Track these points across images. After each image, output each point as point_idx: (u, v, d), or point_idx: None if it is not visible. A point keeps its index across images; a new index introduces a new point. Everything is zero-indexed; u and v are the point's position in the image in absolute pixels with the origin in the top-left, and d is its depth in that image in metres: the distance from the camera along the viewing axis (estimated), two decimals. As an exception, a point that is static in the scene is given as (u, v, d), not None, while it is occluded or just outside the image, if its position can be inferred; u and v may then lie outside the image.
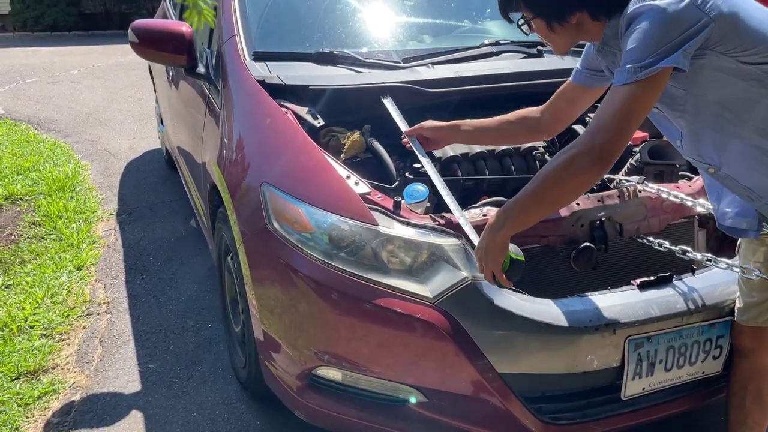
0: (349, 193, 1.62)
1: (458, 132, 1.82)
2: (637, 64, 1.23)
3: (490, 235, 1.40)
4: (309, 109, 1.93)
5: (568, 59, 2.24)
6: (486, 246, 1.41)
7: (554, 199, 1.36)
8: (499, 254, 1.40)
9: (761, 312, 1.55)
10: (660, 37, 1.22)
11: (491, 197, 1.85)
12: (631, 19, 1.28)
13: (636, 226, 1.75)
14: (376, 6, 2.49)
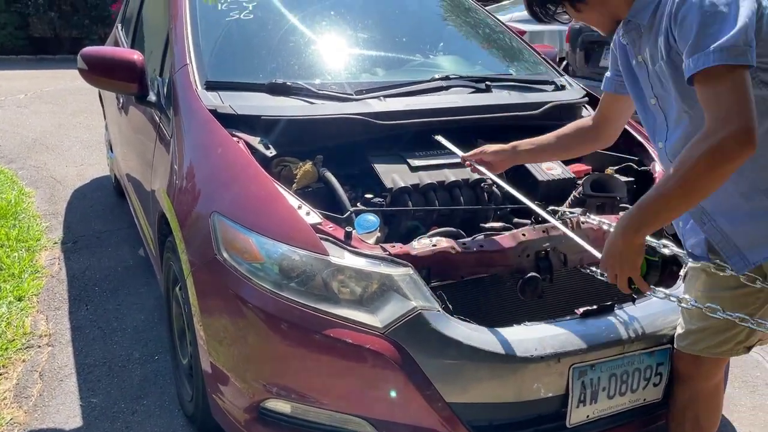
0: (300, 223, 1.62)
1: (518, 153, 1.86)
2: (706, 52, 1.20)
3: (625, 239, 1.32)
4: (261, 139, 1.94)
5: (515, 95, 2.33)
6: (621, 251, 1.33)
7: (704, 188, 1.25)
8: (637, 258, 1.33)
9: (699, 339, 1.58)
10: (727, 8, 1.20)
11: (441, 227, 1.89)
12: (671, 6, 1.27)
13: (580, 257, 1.80)
14: (329, 38, 2.53)
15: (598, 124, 1.79)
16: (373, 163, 1.97)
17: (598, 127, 1.79)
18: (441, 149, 2.08)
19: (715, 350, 1.57)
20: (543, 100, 2.32)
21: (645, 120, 1.56)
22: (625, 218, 1.34)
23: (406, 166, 1.99)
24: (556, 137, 1.84)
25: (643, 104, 1.54)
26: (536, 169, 2.09)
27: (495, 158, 1.86)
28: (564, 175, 2.09)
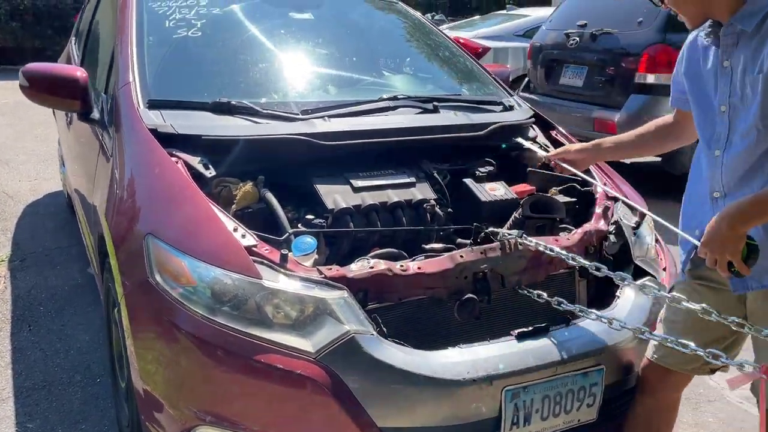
0: (235, 245, 1.61)
1: (601, 151, 2.00)
2: None
3: (732, 228, 1.39)
4: (201, 159, 1.92)
5: (462, 115, 2.35)
6: (727, 238, 1.40)
7: None
8: (740, 243, 1.40)
9: (671, 353, 1.65)
10: None
11: (382, 248, 1.89)
12: None
13: (517, 278, 1.82)
14: (279, 57, 2.52)
15: (678, 123, 1.82)
16: (315, 183, 1.97)
17: (679, 126, 1.82)
18: (385, 170, 2.09)
19: (684, 366, 1.66)
20: (489, 121, 2.34)
21: (702, 125, 1.60)
22: (734, 208, 1.41)
23: (349, 187, 1.99)
24: (636, 135, 1.91)
25: (707, 109, 1.58)
26: (479, 190, 2.11)
27: (578, 156, 2.00)
28: (507, 196, 2.11)
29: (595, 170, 2.31)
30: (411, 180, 2.07)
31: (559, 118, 5.47)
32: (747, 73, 1.46)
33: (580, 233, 1.95)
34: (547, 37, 5.76)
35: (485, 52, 7.84)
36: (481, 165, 2.26)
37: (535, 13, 8.41)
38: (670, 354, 1.66)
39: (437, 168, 2.19)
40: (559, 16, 5.81)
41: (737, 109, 1.49)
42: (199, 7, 2.60)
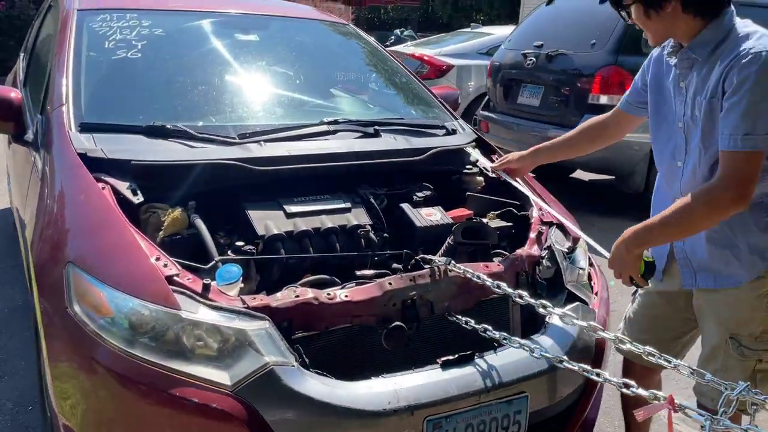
0: (154, 275, 1.58)
1: (538, 156, 2.19)
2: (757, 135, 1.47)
3: (625, 250, 1.65)
4: (130, 184, 1.89)
5: (401, 140, 2.36)
6: (624, 258, 1.66)
7: (697, 229, 1.63)
8: (635, 263, 1.66)
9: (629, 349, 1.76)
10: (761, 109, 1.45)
11: (315, 275, 1.88)
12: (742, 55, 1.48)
13: (447, 304, 1.82)
14: (220, 80, 2.50)
15: (609, 126, 2.04)
16: (247, 209, 1.95)
17: (609, 128, 2.05)
18: (321, 195, 2.09)
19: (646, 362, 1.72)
20: (429, 145, 2.36)
21: (660, 135, 1.79)
22: (630, 233, 1.65)
23: (282, 213, 1.98)
24: (568, 138, 2.12)
25: (666, 122, 1.75)
26: (415, 215, 2.11)
27: (518, 164, 2.19)
28: (442, 221, 2.12)
29: (529, 192, 2.34)
30: (346, 205, 2.07)
31: (517, 136, 5.56)
32: (696, 96, 1.61)
33: (512, 259, 1.97)
34: (505, 57, 5.84)
35: (449, 69, 7.93)
36: (419, 189, 2.27)
37: (499, 32, 8.52)
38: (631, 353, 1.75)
39: (374, 193, 2.19)
40: (517, 37, 5.91)
41: (690, 127, 1.67)
42: (142, 27, 2.57)
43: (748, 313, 1.68)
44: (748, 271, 1.65)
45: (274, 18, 2.99)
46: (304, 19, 3.13)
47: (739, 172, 1.51)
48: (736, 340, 1.69)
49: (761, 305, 1.67)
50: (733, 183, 1.52)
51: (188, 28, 2.71)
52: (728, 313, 1.70)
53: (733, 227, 1.65)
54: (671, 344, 1.93)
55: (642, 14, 1.61)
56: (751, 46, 1.48)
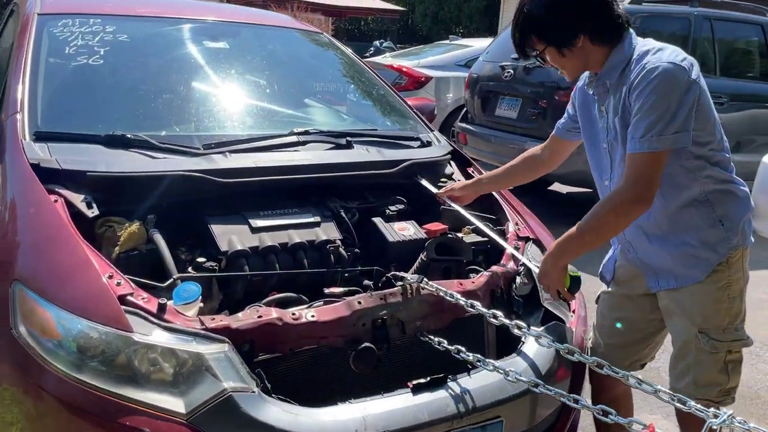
0: (106, 294, 1.48)
1: (480, 185, 2.22)
2: (654, 136, 1.57)
3: (552, 264, 1.72)
4: (85, 197, 1.79)
5: (374, 151, 2.29)
6: (549, 272, 1.73)
7: (610, 233, 1.76)
8: (561, 276, 1.73)
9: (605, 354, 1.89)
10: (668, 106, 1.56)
11: (281, 293, 1.79)
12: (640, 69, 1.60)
13: (419, 324, 1.74)
14: (185, 88, 2.41)
15: (546, 155, 2.13)
16: (209, 223, 1.86)
17: (546, 157, 2.13)
18: (289, 208, 2.00)
19: (618, 364, 1.78)
20: (402, 157, 2.28)
21: (592, 158, 1.91)
22: (553, 246, 1.74)
23: (247, 227, 1.89)
24: (507, 168, 2.19)
25: (595, 146, 1.87)
26: (387, 230, 2.04)
27: (462, 192, 2.19)
28: (416, 236, 2.04)
29: (506, 206, 2.28)
30: (315, 219, 1.99)
31: (495, 148, 5.53)
32: (613, 115, 1.74)
33: (486, 275, 1.90)
34: (483, 69, 5.82)
35: (427, 81, 7.91)
36: (392, 203, 2.20)
37: (477, 44, 8.54)
38: (603, 355, 1.85)
39: (345, 206, 2.11)
40: (495, 49, 5.89)
41: (613, 146, 1.79)
42: (105, 33, 2.47)
43: (713, 306, 1.75)
44: (704, 266, 1.73)
45: (246, 25, 2.91)
46: (276, 27, 3.05)
47: (639, 173, 1.61)
48: (705, 333, 1.75)
49: (723, 297, 1.75)
50: (633, 185, 1.62)
51: (155, 34, 2.61)
52: (694, 308, 1.77)
53: (683, 226, 1.74)
54: (640, 345, 2.00)
55: (556, 55, 1.72)
56: (647, 61, 1.62)
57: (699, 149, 1.68)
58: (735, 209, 1.75)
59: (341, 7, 18.46)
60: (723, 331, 1.76)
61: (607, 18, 1.68)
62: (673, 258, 1.76)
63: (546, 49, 1.71)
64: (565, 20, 1.67)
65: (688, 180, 1.71)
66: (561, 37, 1.68)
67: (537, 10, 1.69)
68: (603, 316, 2.05)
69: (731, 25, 5.50)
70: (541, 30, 1.70)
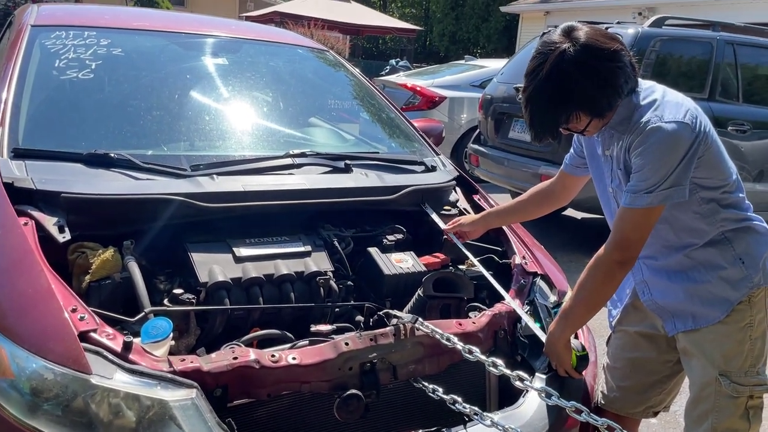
0: (66, 330, 1.35)
1: (490, 220, 2.10)
2: (646, 192, 1.53)
3: (553, 340, 1.65)
4: (58, 220, 1.67)
5: (374, 176, 2.15)
6: (553, 350, 1.66)
7: (601, 301, 1.67)
8: (565, 353, 1.65)
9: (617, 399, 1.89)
10: (665, 167, 1.52)
11: (264, 329, 1.66)
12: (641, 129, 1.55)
13: (412, 369, 1.59)
14: (177, 105, 2.29)
15: (556, 190, 2.05)
16: (190, 251, 1.73)
17: (557, 192, 2.05)
18: (278, 236, 1.87)
19: (631, 410, 1.87)
20: (403, 183, 2.14)
21: (601, 196, 1.86)
22: (553, 324, 1.68)
23: (231, 256, 1.75)
24: (518, 202, 2.09)
25: (603, 185, 1.82)
26: (384, 262, 1.90)
27: (470, 228, 2.06)
28: (414, 269, 1.90)
29: (513, 238, 2.13)
30: (306, 249, 1.85)
31: (507, 172, 5.38)
32: (618, 164, 1.69)
33: (489, 315, 1.75)
34: (497, 90, 5.69)
35: (441, 100, 7.81)
36: (390, 232, 2.05)
37: (493, 65, 8.43)
38: (615, 400, 1.87)
39: (339, 235, 1.98)
40: (509, 70, 5.77)
41: (617, 192, 1.72)
42: (99, 47, 2.38)
43: (735, 347, 1.67)
44: (724, 304, 1.66)
45: (247, 41, 2.80)
46: (280, 44, 2.94)
47: (624, 232, 1.58)
48: (726, 376, 1.67)
49: (745, 338, 1.67)
50: (616, 246, 1.59)
51: (150, 48, 2.51)
52: (715, 350, 1.69)
53: (703, 264, 1.67)
54: (655, 390, 1.90)
55: (597, 122, 1.63)
56: (647, 118, 1.56)
57: (710, 193, 1.64)
58: (755, 246, 1.69)
59: (358, 26, 18.45)
60: (745, 374, 1.67)
61: (634, 74, 1.61)
62: (692, 296, 1.69)
63: (591, 122, 1.62)
64: (614, 88, 1.58)
65: (704, 224, 1.65)
66: (608, 106, 1.60)
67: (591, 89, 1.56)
68: (615, 357, 1.94)
69: (755, 50, 5.32)
70: (591, 104, 1.58)
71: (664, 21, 5.11)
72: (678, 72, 5.05)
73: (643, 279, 1.79)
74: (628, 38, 4.73)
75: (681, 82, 4.90)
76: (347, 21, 17.52)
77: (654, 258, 1.75)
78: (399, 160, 2.36)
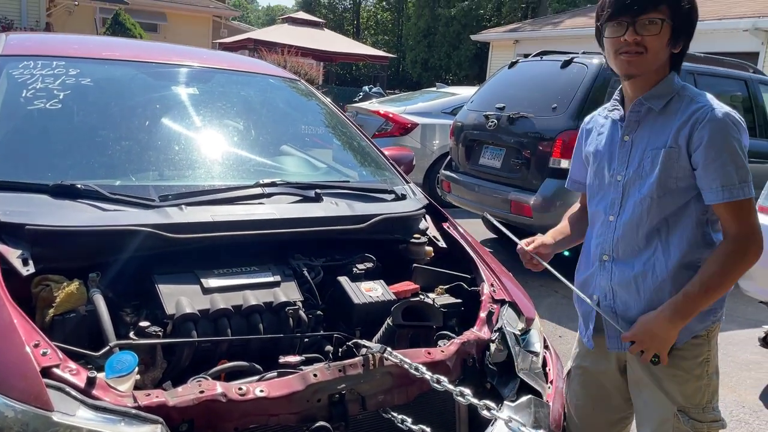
0: (28, 366, 1.32)
1: (558, 243, 1.95)
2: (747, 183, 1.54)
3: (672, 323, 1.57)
4: (22, 252, 1.65)
5: (344, 205, 2.16)
6: (661, 333, 1.58)
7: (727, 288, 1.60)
8: (670, 341, 1.59)
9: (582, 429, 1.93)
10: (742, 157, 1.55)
11: (232, 361, 1.64)
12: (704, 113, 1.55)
13: (381, 399, 1.59)
14: (146, 135, 2.29)
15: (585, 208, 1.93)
16: (157, 283, 1.72)
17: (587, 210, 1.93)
18: (247, 266, 1.87)
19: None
20: (373, 212, 2.16)
21: (596, 190, 1.79)
22: (672, 305, 1.59)
23: (199, 287, 1.74)
24: (570, 224, 2.00)
25: (602, 177, 1.75)
26: (353, 291, 1.90)
27: (545, 251, 1.92)
28: (384, 297, 1.91)
29: (482, 266, 2.15)
30: (275, 279, 1.85)
31: (478, 197, 5.44)
32: (648, 147, 1.64)
33: (457, 344, 1.76)
34: (468, 117, 5.79)
35: (413, 127, 7.91)
36: (360, 261, 2.06)
37: (463, 92, 8.59)
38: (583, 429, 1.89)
39: (309, 264, 1.98)
40: (480, 98, 5.87)
41: (632, 180, 1.67)
42: (68, 76, 2.37)
43: (694, 382, 1.66)
44: (683, 332, 1.63)
45: (219, 71, 2.82)
46: (251, 74, 2.96)
47: (753, 221, 1.56)
48: (685, 413, 1.66)
49: (703, 373, 1.67)
50: (756, 234, 1.56)
51: (120, 78, 2.51)
52: (673, 384, 1.67)
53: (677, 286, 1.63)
54: (618, 426, 1.91)
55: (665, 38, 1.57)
56: (714, 106, 1.57)
57: None
58: None
59: (332, 53, 18.66)
60: (702, 410, 1.66)
61: None
62: None
63: (663, 24, 1.54)
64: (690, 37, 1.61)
65: (696, 243, 1.64)
66: (686, 24, 1.58)
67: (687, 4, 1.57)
68: (576, 394, 1.94)
69: (715, 79, 5.51)
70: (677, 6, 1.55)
71: (627, 51, 5.27)
72: (642, 100, 5.20)
73: (611, 284, 1.73)
74: (593, 68, 4.87)
75: (645, 110, 5.05)
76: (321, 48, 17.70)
77: (630, 265, 1.69)
78: (369, 188, 2.38)
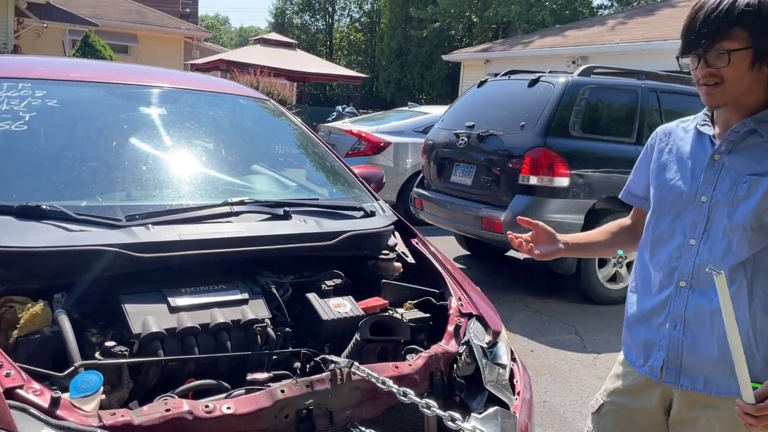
0: (-10, 388, 1.31)
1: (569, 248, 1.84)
2: None
3: None
4: (-14, 274, 1.64)
5: (312, 223, 2.18)
6: None
7: None
8: None
9: None
10: None
11: (200, 379, 1.64)
12: None
13: (349, 414, 1.60)
14: (112, 156, 2.29)
15: (637, 225, 1.82)
16: (124, 303, 1.71)
17: (637, 227, 1.80)
18: (215, 285, 1.87)
19: None
20: (342, 228, 2.19)
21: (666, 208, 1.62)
22: None
23: (166, 306, 1.74)
24: (601, 234, 1.90)
25: (677, 194, 1.59)
26: (322, 307, 1.92)
27: (543, 249, 1.81)
28: (352, 313, 1.92)
29: (449, 280, 2.18)
30: (243, 296, 1.86)
31: (450, 215, 5.51)
32: (745, 171, 1.49)
33: (425, 357, 1.78)
34: (438, 136, 5.87)
35: (386, 146, 7.99)
36: (329, 277, 2.08)
37: (435, 111, 8.70)
38: None
39: (277, 281, 1.99)
40: (450, 116, 5.97)
41: (720, 204, 1.52)
42: (34, 98, 2.36)
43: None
44: None
45: (187, 91, 2.84)
46: (220, 94, 2.99)
47: None
48: None
49: None
50: None
51: (87, 99, 2.51)
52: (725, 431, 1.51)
53: (756, 334, 1.48)
54: None
55: (746, 65, 1.43)
56: None
57: None
58: None
59: (305, 73, 18.74)
60: None
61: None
62: (725, 358, 1.43)
63: (741, 51, 1.41)
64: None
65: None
66: None
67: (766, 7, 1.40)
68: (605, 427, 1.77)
69: (677, 96, 5.69)
70: (759, 27, 1.40)
71: (592, 70, 5.42)
72: (608, 118, 5.34)
73: (684, 314, 1.55)
74: (559, 86, 5.00)
75: (610, 127, 5.18)
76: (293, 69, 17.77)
77: (708, 297, 1.50)
78: (338, 206, 2.41)
